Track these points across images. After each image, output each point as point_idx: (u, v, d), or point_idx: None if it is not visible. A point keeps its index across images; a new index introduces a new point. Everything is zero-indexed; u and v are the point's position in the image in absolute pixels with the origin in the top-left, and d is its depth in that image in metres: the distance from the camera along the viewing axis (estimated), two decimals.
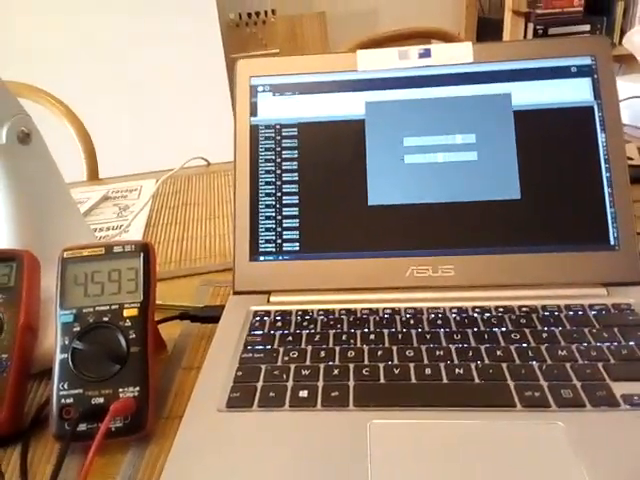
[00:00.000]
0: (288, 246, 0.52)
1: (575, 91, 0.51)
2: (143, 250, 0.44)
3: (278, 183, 0.53)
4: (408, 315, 0.47)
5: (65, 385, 0.39)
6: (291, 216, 0.52)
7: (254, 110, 0.54)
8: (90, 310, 0.41)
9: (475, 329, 0.44)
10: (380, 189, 0.52)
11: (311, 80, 0.54)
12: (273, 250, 0.52)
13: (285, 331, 0.46)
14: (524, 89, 0.52)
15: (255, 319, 0.48)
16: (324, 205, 0.52)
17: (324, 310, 0.48)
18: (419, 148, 0.52)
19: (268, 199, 0.53)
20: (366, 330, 0.45)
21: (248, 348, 0.44)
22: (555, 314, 0.45)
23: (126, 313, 0.41)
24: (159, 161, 1.07)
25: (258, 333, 0.46)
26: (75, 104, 1.17)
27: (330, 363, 0.42)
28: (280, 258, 0.52)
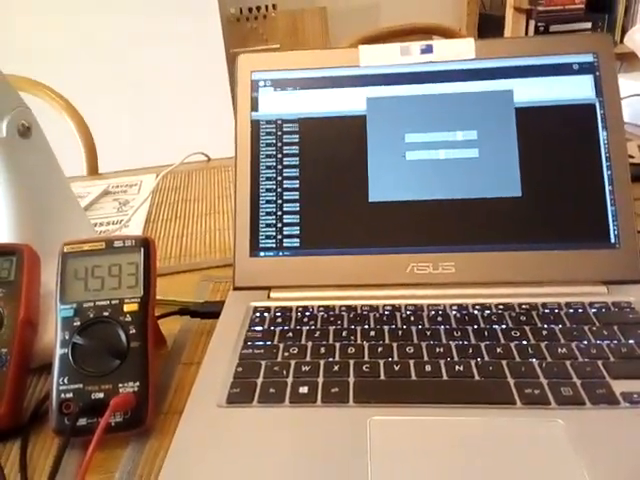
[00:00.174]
0: (288, 242, 0.52)
1: (577, 88, 0.51)
2: (144, 245, 0.44)
3: (279, 179, 0.53)
4: (408, 312, 0.47)
5: (65, 380, 0.39)
6: (292, 212, 0.52)
7: (255, 105, 0.54)
8: (90, 305, 0.41)
9: (475, 326, 0.44)
10: (381, 185, 0.52)
11: (312, 75, 0.54)
12: (273, 246, 0.52)
13: (285, 327, 0.46)
14: (526, 86, 0.51)
15: (255, 315, 0.48)
16: (325, 201, 0.52)
17: (324, 306, 0.48)
18: (420, 144, 0.52)
19: (269, 194, 0.52)
20: (366, 326, 0.45)
21: (248, 344, 0.44)
22: (555, 312, 0.45)
23: (126, 308, 0.41)
24: (159, 157, 1.07)
25: (258, 329, 0.46)
26: (75, 100, 1.16)
27: (330, 359, 0.42)
28: (280, 254, 0.52)
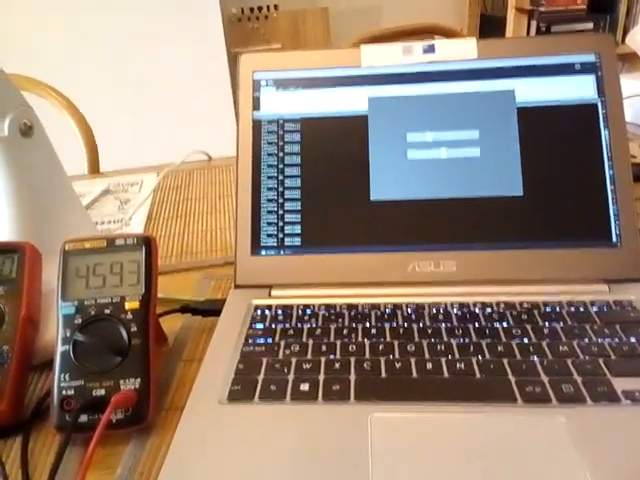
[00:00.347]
0: (290, 240, 0.52)
1: (579, 88, 0.51)
2: (145, 243, 0.44)
3: (280, 177, 0.53)
4: (409, 310, 0.47)
5: (66, 377, 0.39)
6: (293, 211, 0.52)
7: (257, 105, 0.54)
8: (92, 302, 0.41)
9: (476, 324, 0.44)
10: (382, 184, 0.52)
11: (314, 75, 0.54)
12: (275, 244, 0.52)
13: (286, 325, 0.46)
14: (528, 86, 0.51)
15: (256, 313, 0.48)
16: (326, 200, 0.52)
17: (325, 304, 0.48)
18: (422, 144, 0.52)
19: (270, 193, 0.53)
20: (367, 325, 0.45)
21: (249, 341, 0.44)
22: (556, 310, 0.45)
23: (127, 306, 0.41)
24: (160, 156, 1.07)
25: (259, 327, 0.46)
26: (77, 99, 1.16)
27: (331, 357, 0.42)
28: (282, 252, 0.52)
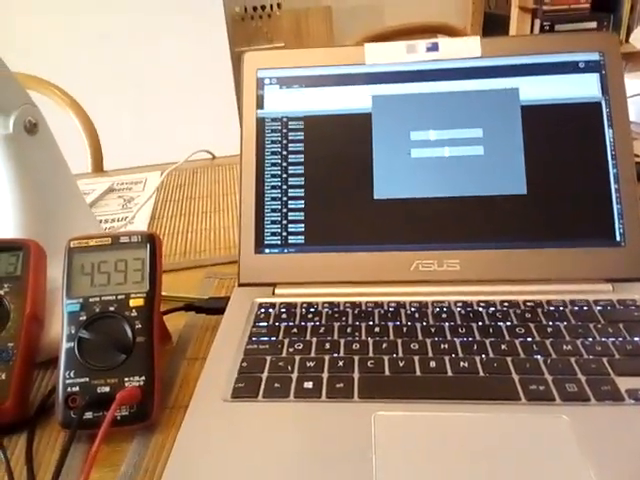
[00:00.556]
0: (293, 239, 0.52)
1: (583, 87, 0.51)
2: (149, 241, 0.44)
3: (284, 176, 0.53)
4: (413, 309, 0.47)
5: (71, 374, 0.39)
6: (297, 209, 0.52)
7: (261, 103, 0.54)
8: (96, 299, 0.42)
9: (480, 323, 0.44)
10: (386, 183, 0.52)
11: (318, 73, 0.54)
12: (278, 243, 0.52)
13: (290, 323, 0.46)
14: (532, 84, 0.51)
15: (260, 311, 0.48)
16: (330, 198, 0.52)
17: (329, 303, 0.48)
18: (426, 142, 0.52)
19: (274, 192, 0.53)
20: (371, 323, 0.45)
21: (253, 339, 0.44)
22: (560, 309, 0.45)
23: (132, 303, 0.42)
24: (163, 155, 1.07)
25: (263, 325, 0.46)
26: (80, 98, 1.16)
27: (335, 355, 0.42)
28: (285, 251, 0.52)
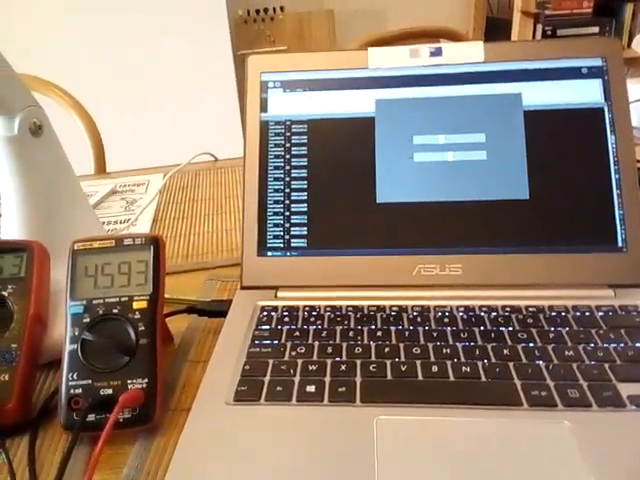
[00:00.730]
0: (296, 242, 0.52)
1: (585, 92, 0.51)
2: (153, 243, 0.44)
3: (287, 179, 0.53)
4: (415, 313, 0.47)
5: (74, 375, 0.39)
6: (299, 212, 0.52)
7: (264, 106, 0.54)
8: (100, 302, 0.42)
9: (482, 328, 0.44)
10: (389, 187, 0.52)
11: (322, 77, 0.54)
12: (281, 246, 0.52)
13: (292, 326, 0.46)
14: (535, 89, 0.52)
15: (262, 314, 0.48)
16: (332, 202, 0.52)
17: (331, 306, 0.48)
18: (428, 146, 0.52)
19: (277, 195, 0.53)
20: (373, 327, 0.45)
21: (255, 342, 0.44)
22: (562, 314, 0.45)
23: (135, 305, 0.42)
24: (166, 157, 1.07)
25: (265, 328, 0.46)
26: (82, 99, 1.17)
27: (337, 359, 0.42)
28: (288, 254, 0.52)
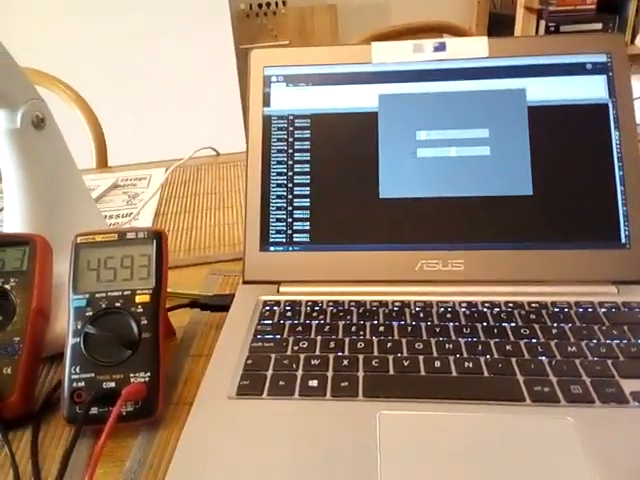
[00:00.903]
0: (298, 237, 0.52)
1: (590, 88, 0.51)
2: (156, 237, 0.44)
3: (290, 174, 0.53)
4: (417, 308, 0.47)
5: (77, 369, 0.40)
6: (302, 207, 0.52)
7: (267, 100, 0.54)
8: (102, 295, 0.42)
9: (484, 324, 0.44)
10: (392, 182, 0.52)
11: (325, 71, 0.54)
12: (283, 240, 0.52)
13: (295, 321, 0.46)
14: (539, 85, 0.51)
15: (265, 309, 0.48)
16: (335, 197, 0.52)
17: (333, 301, 0.48)
18: (432, 142, 0.52)
19: (279, 189, 0.53)
20: (375, 322, 0.45)
21: (258, 337, 0.44)
22: (565, 311, 0.45)
23: (138, 299, 0.42)
24: (167, 152, 1.07)
25: (268, 322, 0.46)
26: (84, 94, 1.16)
27: (339, 354, 0.42)
28: (290, 249, 0.52)
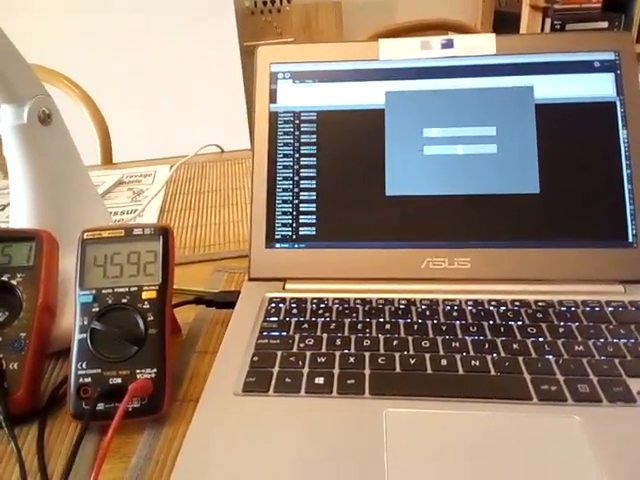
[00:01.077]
0: (304, 234, 0.52)
1: (598, 86, 0.51)
2: (163, 233, 0.44)
3: (296, 171, 0.53)
4: (424, 306, 0.47)
5: (83, 365, 0.40)
6: (308, 205, 0.52)
7: (274, 97, 0.54)
8: (109, 291, 0.42)
9: (491, 322, 0.44)
10: (398, 179, 0.51)
11: (331, 68, 0.54)
12: (289, 238, 0.52)
13: (301, 318, 0.46)
14: (546, 82, 0.51)
15: (271, 306, 0.48)
16: (341, 194, 0.52)
17: (339, 299, 0.48)
18: (439, 139, 0.52)
19: (286, 187, 0.53)
20: (381, 320, 0.45)
21: (264, 334, 0.44)
22: (572, 309, 0.45)
23: (144, 295, 0.42)
24: (171, 148, 1.07)
25: (274, 319, 0.46)
26: (88, 91, 1.16)
27: (346, 351, 0.42)
28: (296, 246, 0.52)
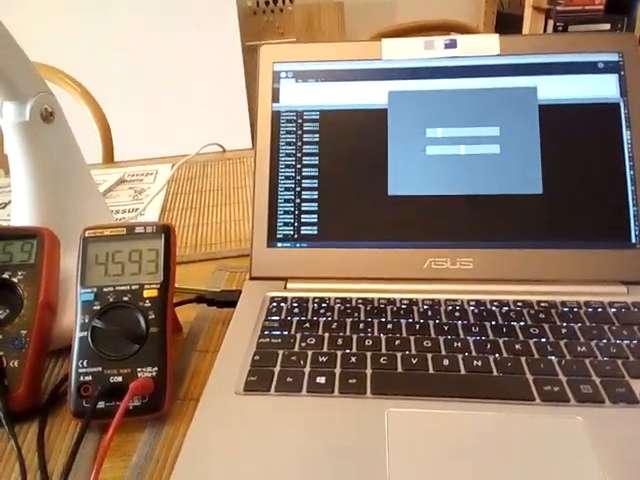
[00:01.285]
0: (306, 233, 0.52)
1: (601, 87, 0.51)
2: (164, 232, 0.44)
3: (298, 170, 0.53)
4: (426, 306, 0.46)
5: (84, 363, 0.39)
6: (310, 204, 0.52)
7: (276, 96, 0.54)
8: (110, 289, 0.42)
9: (493, 322, 0.44)
10: (400, 179, 0.51)
11: (334, 67, 0.54)
12: (291, 237, 0.52)
13: (302, 317, 0.46)
14: (550, 83, 0.51)
15: (272, 305, 0.48)
16: (344, 194, 0.52)
17: (341, 298, 0.48)
18: (441, 139, 0.51)
19: (288, 186, 0.52)
20: (383, 319, 0.45)
21: (265, 333, 0.44)
22: (574, 310, 0.45)
23: (146, 294, 0.42)
24: (172, 148, 1.07)
25: (275, 319, 0.46)
26: (90, 89, 1.16)
27: (347, 351, 0.42)
28: (298, 245, 0.51)
